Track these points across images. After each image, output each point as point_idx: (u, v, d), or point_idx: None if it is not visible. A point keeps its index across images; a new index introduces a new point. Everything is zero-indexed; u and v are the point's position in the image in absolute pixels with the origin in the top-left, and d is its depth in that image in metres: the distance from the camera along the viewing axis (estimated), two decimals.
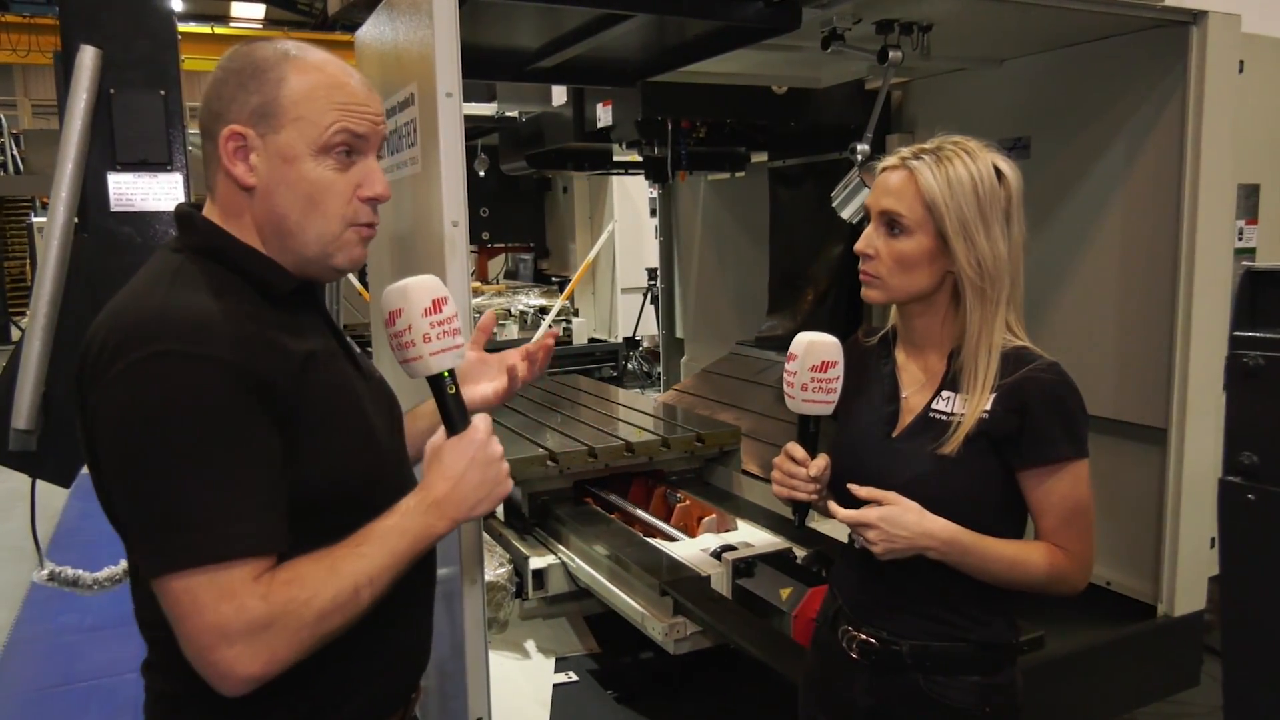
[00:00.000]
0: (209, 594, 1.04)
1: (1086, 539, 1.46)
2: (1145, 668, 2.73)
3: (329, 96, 1.19)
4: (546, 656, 2.84)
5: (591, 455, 3.11)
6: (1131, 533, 2.80)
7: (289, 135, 1.17)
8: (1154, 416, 2.69)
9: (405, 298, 1.23)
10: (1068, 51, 2.87)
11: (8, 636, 4.37)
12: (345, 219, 1.22)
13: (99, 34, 1.86)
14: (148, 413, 1.05)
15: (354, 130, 1.20)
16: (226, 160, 1.17)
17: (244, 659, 1.04)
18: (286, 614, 1.06)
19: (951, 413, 1.46)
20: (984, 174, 1.43)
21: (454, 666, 1.92)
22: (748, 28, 2.32)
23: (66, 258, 1.86)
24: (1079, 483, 1.44)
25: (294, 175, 1.18)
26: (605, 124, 3.41)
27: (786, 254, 4.09)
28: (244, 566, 1.05)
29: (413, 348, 1.23)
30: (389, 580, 1.15)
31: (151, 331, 1.07)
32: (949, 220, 1.42)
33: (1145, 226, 2.69)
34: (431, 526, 1.20)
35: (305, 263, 1.23)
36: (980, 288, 1.44)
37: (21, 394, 1.83)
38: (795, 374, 1.50)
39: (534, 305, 7.34)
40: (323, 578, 1.10)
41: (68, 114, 1.82)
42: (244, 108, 1.17)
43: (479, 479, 1.23)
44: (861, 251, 1.50)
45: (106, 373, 1.06)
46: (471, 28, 2.43)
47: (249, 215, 1.20)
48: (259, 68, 1.18)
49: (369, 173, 1.23)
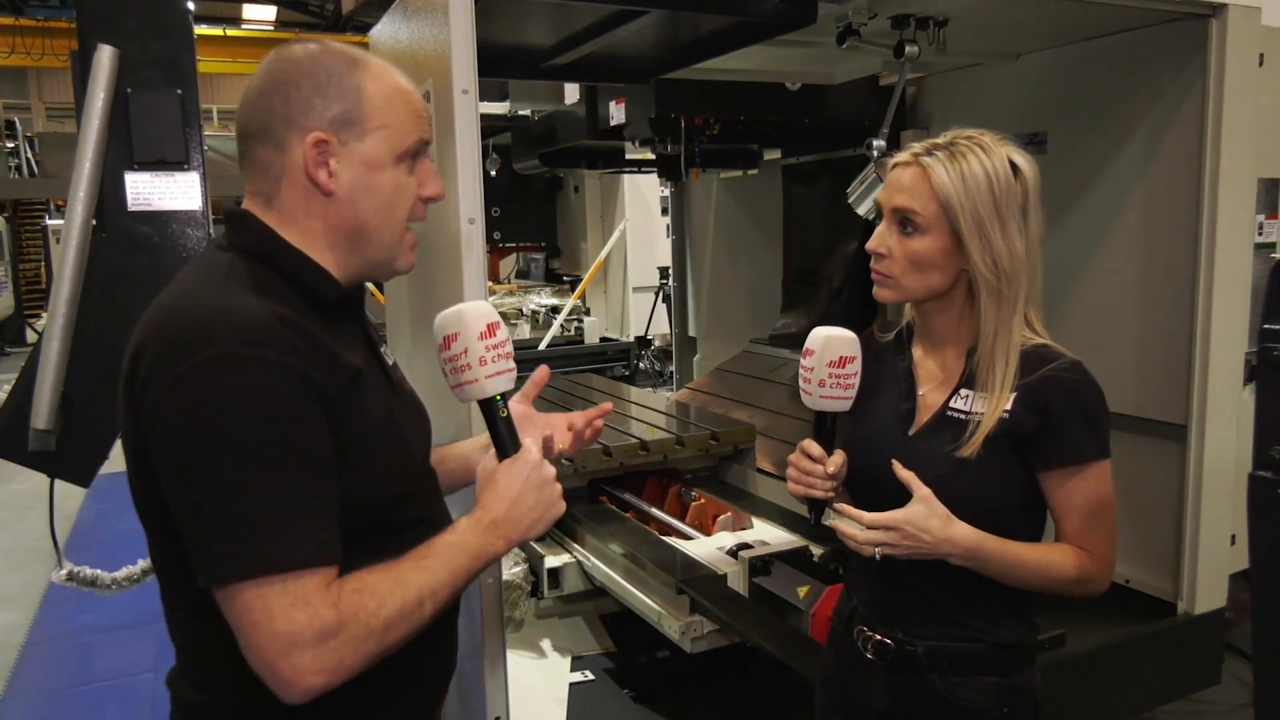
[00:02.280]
0: (282, 601, 1.03)
1: (1110, 539, 1.44)
2: (1165, 666, 2.71)
3: (406, 105, 1.22)
4: (563, 655, 2.84)
5: (606, 454, 3.10)
6: (1151, 530, 2.78)
7: (373, 143, 1.19)
8: (1174, 413, 2.67)
9: (461, 322, 1.25)
10: (1085, 45, 2.84)
11: (27, 636, 4.40)
12: (410, 219, 1.25)
13: (116, 34, 1.87)
14: (212, 418, 1.04)
15: (426, 138, 1.24)
16: (310, 166, 1.16)
17: (313, 667, 1.04)
18: (356, 622, 1.06)
19: (970, 411, 1.43)
20: (999, 169, 1.39)
21: (471, 666, 1.91)
22: (763, 23, 2.31)
23: (85, 257, 1.87)
24: (1102, 483, 1.42)
25: (378, 183, 1.20)
26: (618, 122, 3.40)
27: (800, 251, 4.08)
28: (315, 575, 1.05)
29: (468, 371, 1.25)
30: (448, 596, 1.17)
31: (211, 333, 1.05)
32: (964, 219, 1.38)
33: (1164, 222, 2.67)
34: (491, 545, 1.21)
35: (370, 266, 1.25)
36: (996, 288, 1.40)
37: (41, 394, 1.83)
38: (813, 370, 1.47)
39: (546, 305, 7.34)
40: (389, 588, 1.10)
41: (85, 114, 1.83)
42: (323, 115, 1.16)
43: (534, 500, 1.25)
44: (874, 250, 1.47)
45: (166, 376, 1.05)
46: (485, 25, 2.42)
47: (317, 220, 1.20)
48: (333, 72, 1.18)
49: (429, 174, 1.26)
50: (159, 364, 1.06)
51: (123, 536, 2.30)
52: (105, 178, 1.90)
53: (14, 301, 13.05)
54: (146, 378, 1.07)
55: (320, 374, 1.09)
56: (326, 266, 1.21)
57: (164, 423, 1.06)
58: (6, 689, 3.91)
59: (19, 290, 13.37)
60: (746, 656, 2.56)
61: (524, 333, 7.20)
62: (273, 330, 1.07)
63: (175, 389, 1.04)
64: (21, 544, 5.43)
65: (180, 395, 1.04)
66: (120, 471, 1.19)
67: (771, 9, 2.20)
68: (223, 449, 1.04)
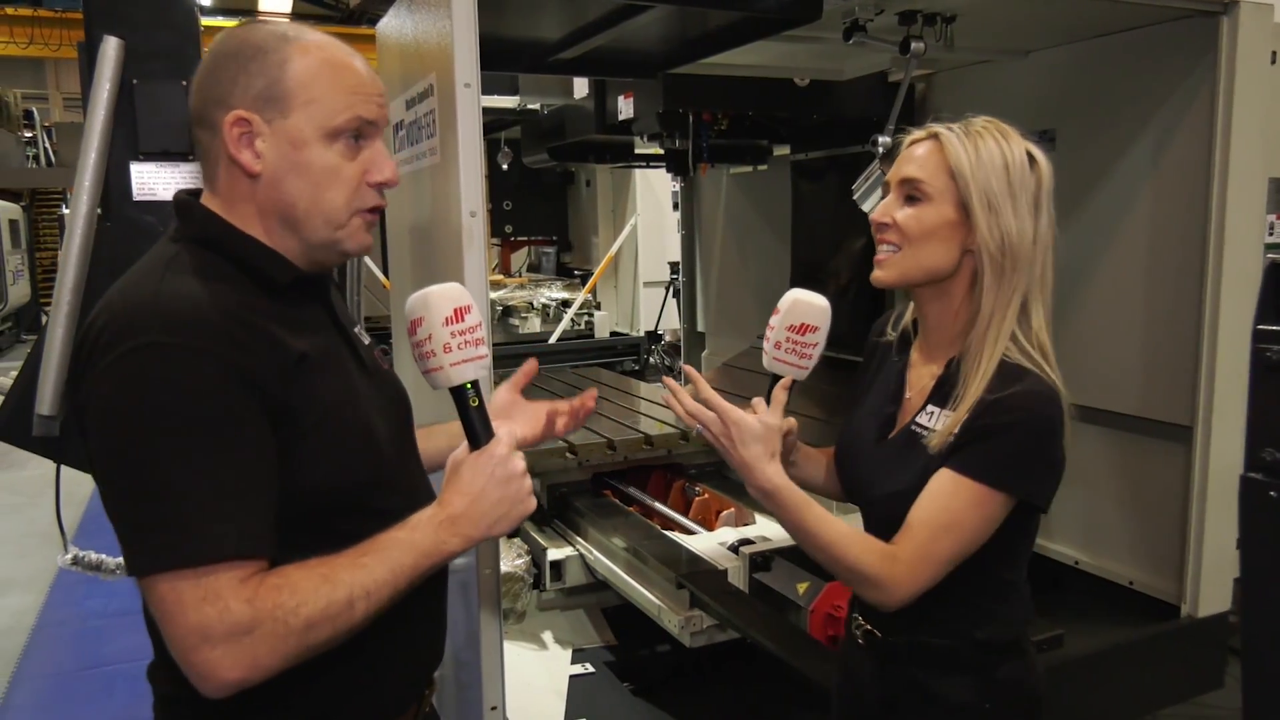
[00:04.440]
0: (193, 595, 1.01)
1: (927, 563, 1.31)
2: (1168, 669, 2.70)
3: (337, 79, 1.16)
4: (563, 648, 2.85)
5: (610, 448, 3.11)
6: (1156, 532, 2.76)
7: (298, 120, 1.13)
8: (1180, 414, 2.65)
9: (426, 306, 1.19)
10: (1095, 43, 2.82)
11: (36, 620, 4.45)
12: (353, 205, 1.18)
13: (122, 25, 1.88)
14: (135, 406, 1.02)
15: (365, 116, 1.17)
16: (231, 147, 1.13)
17: (225, 662, 1.01)
18: (272, 620, 1.03)
19: (931, 430, 1.39)
20: (1017, 155, 1.36)
21: (469, 656, 1.92)
22: (769, 18, 2.30)
23: (89, 246, 1.88)
24: (966, 508, 1.31)
25: (303, 161, 1.14)
26: (626, 116, 3.40)
27: (808, 247, 4.07)
28: (230, 569, 1.02)
29: (433, 358, 1.19)
30: (389, 595, 1.11)
31: (142, 322, 1.04)
32: (974, 189, 1.34)
33: (1173, 221, 2.65)
34: (444, 544, 1.15)
35: (312, 249, 1.19)
36: (1000, 265, 1.35)
37: (45, 380, 1.86)
38: (773, 329, 1.43)
39: (556, 298, 7.35)
40: (314, 586, 1.06)
41: (91, 104, 1.84)
42: (247, 92, 1.13)
43: (498, 496, 1.18)
44: (877, 221, 1.42)
45: (98, 364, 1.04)
46: (493, 18, 2.42)
47: (253, 203, 1.16)
48: (259, 49, 1.14)
49: (377, 157, 1.20)
50: (95, 350, 1.05)
51: None
52: (110, 168, 1.92)
53: (30, 289, 13.16)
54: (85, 363, 1.07)
55: (256, 362, 1.07)
56: (278, 249, 1.18)
57: (92, 410, 1.05)
58: (16, 671, 3.96)
59: (35, 278, 13.49)
60: (748, 651, 2.56)
61: (534, 326, 7.21)
62: (204, 319, 1.05)
63: (104, 375, 1.03)
64: (33, 529, 5.48)
65: (107, 383, 1.03)
66: None
67: (776, 4, 2.20)
68: (143, 438, 1.02)
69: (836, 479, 1.60)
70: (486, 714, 1.87)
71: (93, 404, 1.05)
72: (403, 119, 2.18)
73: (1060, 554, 3.06)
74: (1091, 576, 2.95)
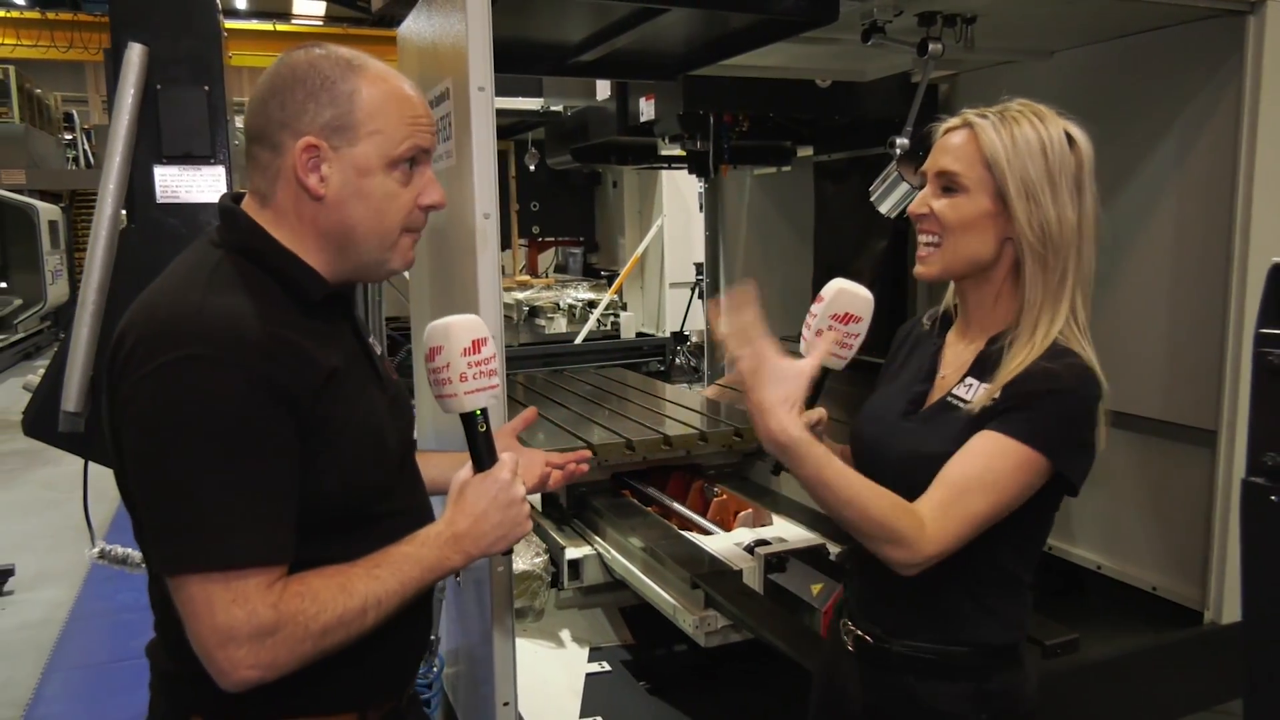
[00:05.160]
0: (223, 597, 1.08)
1: (954, 522, 1.27)
2: (1191, 675, 2.67)
3: (400, 111, 1.23)
4: (581, 646, 2.86)
5: (629, 448, 3.12)
6: (1179, 537, 2.73)
7: (364, 149, 1.20)
8: (1205, 418, 2.62)
9: (447, 336, 1.28)
10: (1120, 43, 2.80)
11: (70, 612, 4.55)
12: (406, 225, 1.26)
13: (147, 31, 1.93)
14: (174, 416, 1.08)
15: (422, 146, 1.25)
16: (300, 171, 1.19)
17: (247, 661, 1.09)
18: (294, 624, 1.10)
19: (969, 401, 1.37)
20: (1054, 137, 1.33)
21: (483, 653, 1.95)
22: (785, 21, 2.30)
23: (114, 247, 1.94)
24: (998, 463, 1.27)
25: (367, 188, 1.22)
26: (648, 118, 3.42)
27: (831, 248, 4.06)
28: (258, 574, 1.10)
29: (449, 385, 1.28)
30: (397, 604, 1.20)
31: (185, 333, 1.09)
32: (1010, 179, 1.31)
33: (1198, 223, 2.62)
34: (447, 559, 1.24)
35: (360, 267, 1.27)
36: (1042, 255, 1.32)
37: (71, 378, 1.91)
38: (815, 317, 1.44)
39: (583, 299, 7.37)
40: (333, 594, 1.14)
41: (116, 109, 1.89)
42: (316, 120, 1.19)
43: (499, 519, 1.28)
44: (914, 212, 1.40)
45: (139, 370, 1.09)
46: (515, 21, 2.45)
47: (311, 223, 1.22)
48: (328, 78, 1.20)
49: (428, 183, 1.28)
50: (134, 356, 1.10)
51: None
52: (135, 171, 1.97)
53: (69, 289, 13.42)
54: (123, 368, 1.12)
55: (290, 378, 1.13)
56: (316, 267, 1.24)
57: (131, 414, 1.11)
58: (50, 662, 4.05)
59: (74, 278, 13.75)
60: (764, 651, 2.56)
61: (560, 327, 7.24)
62: (244, 335, 1.11)
63: (144, 383, 1.09)
64: (69, 523, 5.59)
65: (147, 390, 1.09)
66: None
67: (793, 6, 2.20)
68: (180, 446, 1.08)
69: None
70: (499, 709, 1.90)
71: (132, 407, 1.11)
72: None
73: (1082, 558, 3.03)
74: (1114, 581, 2.92)
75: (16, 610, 4.63)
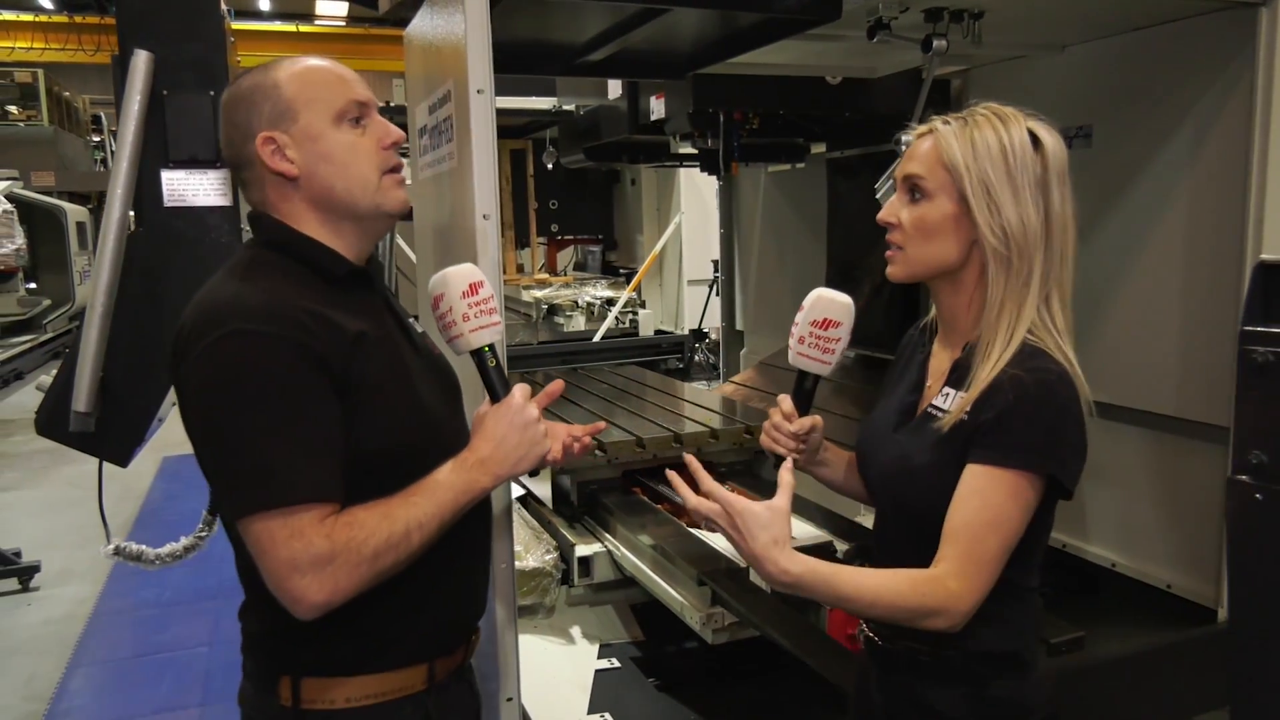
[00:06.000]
0: (282, 533, 1.21)
1: (982, 568, 1.28)
2: (1205, 674, 2.64)
3: (320, 79, 1.38)
4: (591, 643, 2.88)
5: (640, 445, 3.13)
6: (1193, 534, 2.71)
7: (306, 119, 1.36)
8: (1218, 414, 2.59)
9: (445, 284, 1.42)
10: (1132, 36, 2.77)
11: (93, 609, 4.62)
12: (379, 167, 1.40)
13: (153, 38, 1.97)
14: (224, 383, 1.24)
15: (356, 98, 1.39)
16: (269, 161, 1.35)
17: (313, 588, 1.22)
18: (347, 550, 1.23)
19: (947, 411, 1.38)
20: (1015, 140, 1.33)
21: (488, 648, 1.96)
22: (789, 19, 2.30)
23: (122, 249, 1.97)
24: (1004, 500, 1.28)
25: (325, 149, 1.36)
26: (659, 116, 3.42)
27: (844, 245, 4.05)
28: (310, 511, 1.23)
29: (454, 326, 1.42)
30: (437, 527, 1.32)
31: (226, 315, 1.26)
32: (969, 181, 1.33)
33: (1211, 217, 2.59)
34: (476, 481, 1.36)
35: (360, 220, 1.41)
36: (1005, 257, 1.33)
37: (80, 378, 1.94)
38: (797, 325, 1.51)
39: (601, 297, 7.38)
40: (377, 521, 1.27)
41: (123, 114, 1.93)
42: (261, 119, 1.35)
43: (517, 440, 1.40)
44: (883, 220, 1.43)
45: (192, 350, 1.26)
46: (523, 21, 2.47)
47: (301, 205, 1.38)
48: (255, 86, 1.37)
49: (380, 127, 1.41)
50: (189, 342, 1.27)
51: (189, 516, 2.46)
52: (142, 175, 2.01)
53: None
54: (181, 355, 1.28)
55: (321, 344, 1.27)
56: (335, 247, 1.39)
57: (190, 389, 1.27)
58: (73, 657, 4.12)
59: None
60: (773, 649, 2.56)
61: (579, 324, 7.25)
62: (276, 310, 1.26)
63: (198, 360, 1.25)
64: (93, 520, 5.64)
65: (201, 365, 1.25)
66: (186, 454, 1.35)
67: (796, 4, 2.20)
68: (233, 407, 1.23)
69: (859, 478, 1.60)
70: (502, 705, 1.91)
71: (190, 383, 1.27)
72: (426, 123, 2.23)
73: (1097, 556, 3.01)
74: (1128, 579, 2.90)
75: (42, 606, 4.72)
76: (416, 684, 1.44)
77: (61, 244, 12.01)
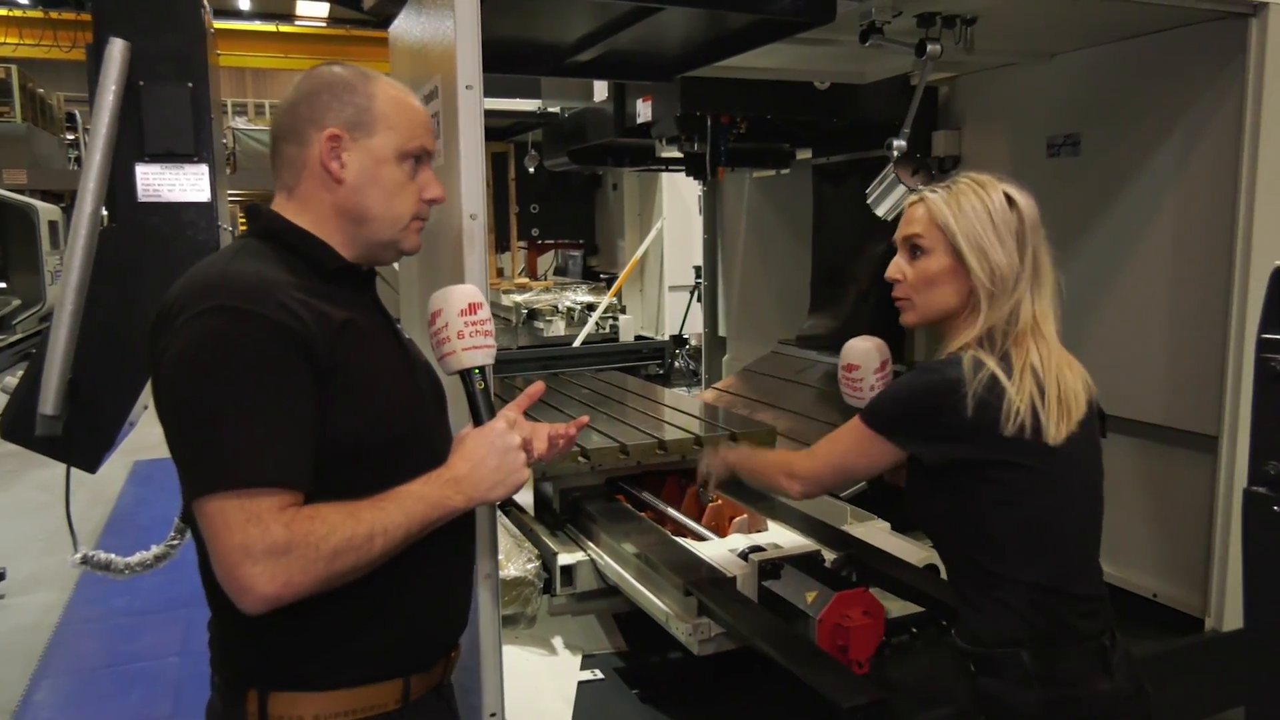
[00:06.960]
0: (238, 516, 1.16)
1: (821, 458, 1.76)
2: (1192, 683, 2.63)
3: (410, 114, 1.43)
4: (573, 653, 2.83)
5: (623, 452, 3.08)
6: (1180, 543, 2.71)
7: (380, 141, 1.39)
8: (1206, 423, 2.59)
9: (446, 300, 1.45)
10: (1121, 45, 2.77)
11: (61, 616, 4.51)
12: (412, 214, 1.44)
13: (130, 27, 1.91)
14: (200, 357, 1.20)
15: (427, 147, 1.45)
16: (324, 158, 1.37)
17: (263, 578, 1.16)
18: (306, 543, 1.18)
19: None
20: (996, 201, 1.58)
21: (470, 661, 1.91)
22: (781, 21, 2.27)
23: (93, 247, 1.90)
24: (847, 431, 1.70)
25: (381, 175, 1.39)
26: (645, 120, 3.39)
27: (830, 252, 4.03)
28: (271, 496, 1.18)
29: (448, 343, 1.44)
30: (403, 537, 1.28)
31: (211, 290, 1.24)
32: (960, 237, 1.57)
33: (1199, 226, 2.59)
34: (448, 499, 1.34)
35: (374, 246, 1.43)
36: (991, 292, 1.58)
37: (48, 381, 1.87)
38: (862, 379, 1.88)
39: (581, 302, 7.33)
40: (341, 519, 1.22)
41: (96, 106, 1.87)
42: (339, 116, 1.37)
43: (496, 464, 1.39)
44: (890, 278, 1.67)
45: (173, 323, 1.23)
46: (510, 19, 2.42)
47: (330, 205, 1.39)
48: (349, 84, 1.39)
49: (430, 180, 1.46)
50: (170, 315, 1.25)
51: (160, 521, 2.39)
52: (116, 169, 1.94)
53: None
54: (163, 329, 1.26)
55: (305, 328, 1.24)
56: (334, 245, 1.40)
57: (165, 360, 1.23)
58: (39, 667, 4.01)
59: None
60: (760, 660, 2.53)
61: (559, 330, 7.20)
62: (261, 290, 1.24)
63: (177, 331, 1.22)
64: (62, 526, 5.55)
65: (179, 337, 1.22)
66: (160, 458, 1.33)
67: (790, 6, 2.17)
68: (205, 381, 1.20)
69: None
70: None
71: (167, 355, 1.23)
72: None
73: None
74: (1114, 588, 2.87)
75: (8, 614, 4.59)
76: (390, 701, 1.39)
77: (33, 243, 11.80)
